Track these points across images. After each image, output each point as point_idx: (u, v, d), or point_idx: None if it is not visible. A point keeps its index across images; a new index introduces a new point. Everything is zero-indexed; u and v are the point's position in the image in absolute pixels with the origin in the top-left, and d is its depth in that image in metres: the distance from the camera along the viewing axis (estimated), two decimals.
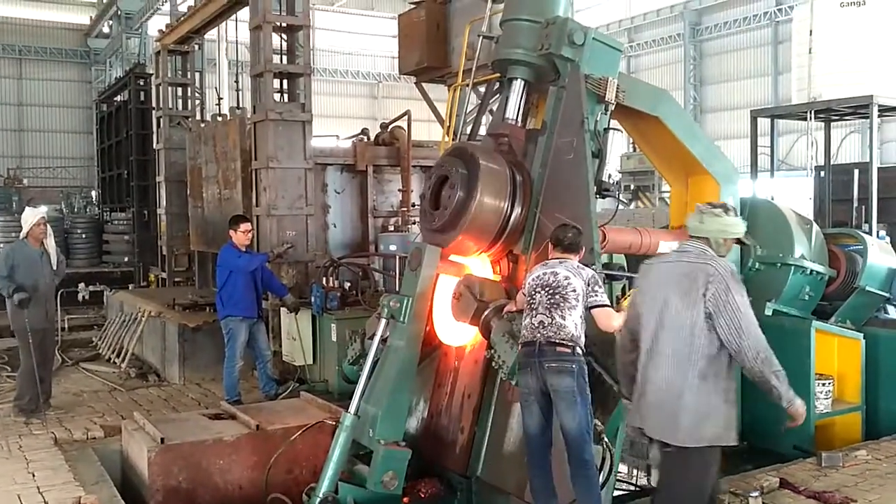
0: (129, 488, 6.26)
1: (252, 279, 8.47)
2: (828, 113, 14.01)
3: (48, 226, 8.34)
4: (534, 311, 4.89)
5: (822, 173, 14.34)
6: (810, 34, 13.71)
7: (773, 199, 9.14)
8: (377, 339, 5.72)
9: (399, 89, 36.52)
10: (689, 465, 4.12)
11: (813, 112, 13.69)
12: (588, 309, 4.85)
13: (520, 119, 6.22)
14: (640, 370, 4.32)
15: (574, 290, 4.83)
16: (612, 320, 4.84)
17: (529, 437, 4.89)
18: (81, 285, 16.97)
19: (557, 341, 4.75)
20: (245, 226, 8.56)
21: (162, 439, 6.06)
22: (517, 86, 6.20)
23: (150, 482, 5.94)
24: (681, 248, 4.42)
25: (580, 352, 4.78)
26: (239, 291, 8.38)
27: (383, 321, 5.73)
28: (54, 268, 8.33)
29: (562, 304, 4.81)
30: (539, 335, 4.80)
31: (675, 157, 7.08)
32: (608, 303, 4.92)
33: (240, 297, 8.39)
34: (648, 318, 4.27)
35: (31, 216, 8.27)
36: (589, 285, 4.87)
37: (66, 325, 13.37)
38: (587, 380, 4.77)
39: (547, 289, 4.88)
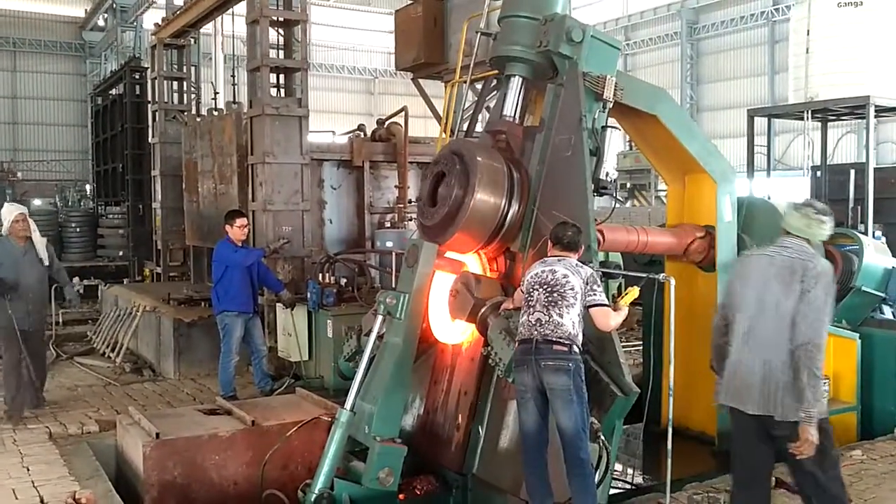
0: (124, 483, 6.24)
1: (248, 274, 8.45)
2: (824, 113, 14.04)
3: (30, 221, 7.98)
4: (531, 309, 4.89)
5: (819, 173, 14.38)
6: (807, 34, 13.70)
7: (769, 198, 9.15)
8: (373, 335, 5.71)
9: (396, 85, 36.51)
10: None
11: (810, 112, 13.71)
12: (586, 307, 4.85)
13: (518, 116, 6.21)
14: (735, 352, 4.48)
15: (572, 289, 4.83)
16: (609, 319, 4.85)
17: (526, 434, 4.89)
18: (76, 280, 16.93)
19: (554, 339, 4.74)
20: (241, 221, 8.54)
21: (157, 434, 6.04)
22: (515, 83, 6.19)
23: (145, 477, 5.92)
24: (781, 244, 4.56)
25: (577, 350, 4.78)
26: (235, 287, 8.36)
27: (380, 318, 5.72)
28: (45, 263, 7.98)
29: (560, 303, 4.81)
30: (536, 333, 4.79)
31: (673, 156, 7.08)
32: (606, 302, 4.92)
33: (236, 293, 8.37)
34: (747, 305, 4.46)
35: (8, 213, 7.91)
36: (587, 284, 4.87)
37: (61, 320, 13.35)
38: (584, 378, 4.77)
39: (545, 286, 4.88)
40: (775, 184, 14.68)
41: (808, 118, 13.75)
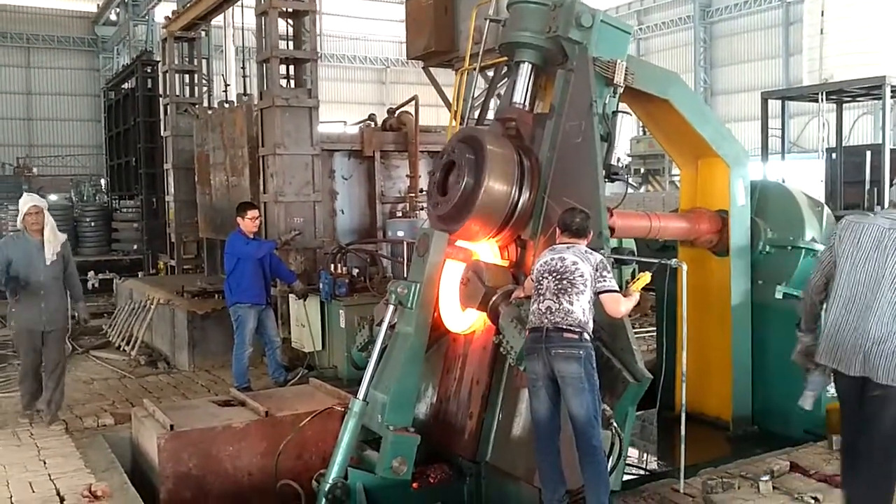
0: (139, 475, 6.28)
1: (260, 266, 8.46)
2: (840, 94, 13.89)
3: (47, 215, 7.39)
4: (541, 297, 4.86)
5: (834, 155, 14.23)
6: (822, 15, 13.56)
7: (783, 181, 9.06)
8: (385, 325, 5.71)
9: (407, 74, 36.43)
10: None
11: (825, 93, 13.58)
12: (596, 294, 4.81)
13: (528, 103, 6.17)
14: (836, 315, 4.38)
15: (582, 276, 4.79)
16: (619, 306, 4.81)
17: (538, 422, 4.87)
18: (91, 273, 17.04)
19: (565, 327, 4.72)
20: (252, 213, 8.54)
21: (171, 426, 6.07)
22: (525, 69, 6.14)
23: (161, 469, 5.95)
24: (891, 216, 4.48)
25: (588, 337, 4.75)
26: (247, 278, 8.38)
27: (391, 307, 5.71)
28: (47, 262, 7.27)
29: (569, 290, 4.78)
30: (546, 321, 4.77)
31: (685, 140, 7.03)
32: (616, 288, 4.88)
33: (248, 284, 8.38)
34: (857, 271, 4.36)
35: (23, 204, 7.39)
36: (597, 270, 4.83)
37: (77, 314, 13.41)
38: (595, 365, 4.74)
39: (554, 274, 4.85)
40: (790, 167, 14.53)
41: (822, 100, 13.60)
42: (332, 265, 9.22)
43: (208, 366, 9.74)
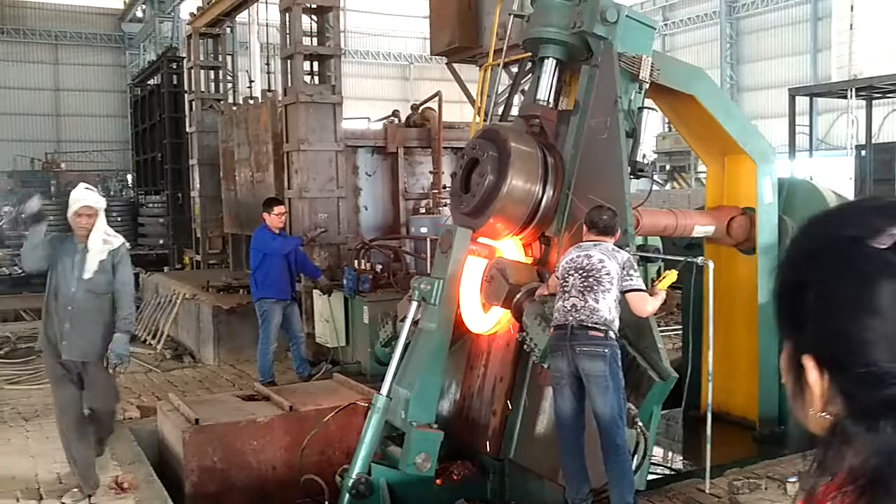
0: (165, 468, 6.34)
1: (286, 262, 8.50)
2: (869, 90, 13.71)
3: (99, 217, 5.68)
4: (566, 295, 4.83)
5: (863, 152, 14.05)
6: (851, 10, 13.37)
7: (811, 179, 8.96)
8: (408, 321, 5.71)
9: (430, 70, 36.38)
10: None
11: (854, 90, 13.41)
12: (622, 293, 4.78)
13: (552, 99, 6.14)
14: None
15: (608, 274, 4.76)
16: (646, 305, 4.78)
17: (561, 420, 4.85)
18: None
19: (590, 325, 4.69)
20: (279, 208, 8.58)
21: (196, 420, 6.12)
22: (549, 65, 6.12)
23: (186, 462, 6.01)
24: None
25: (613, 335, 4.71)
26: (273, 274, 8.41)
27: (414, 304, 5.71)
28: (84, 275, 5.50)
29: (595, 288, 4.74)
30: (571, 318, 4.74)
31: (711, 137, 6.96)
32: (643, 287, 4.84)
33: (274, 280, 8.42)
34: None
35: (74, 199, 5.64)
36: (624, 268, 4.79)
37: None
38: (620, 364, 4.71)
39: (580, 272, 4.81)
40: (817, 164, 14.36)
41: (852, 96, 13.43)
42: (356, 261, 9.24)
43: (233, 360, 9.80)
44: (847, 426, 0.91)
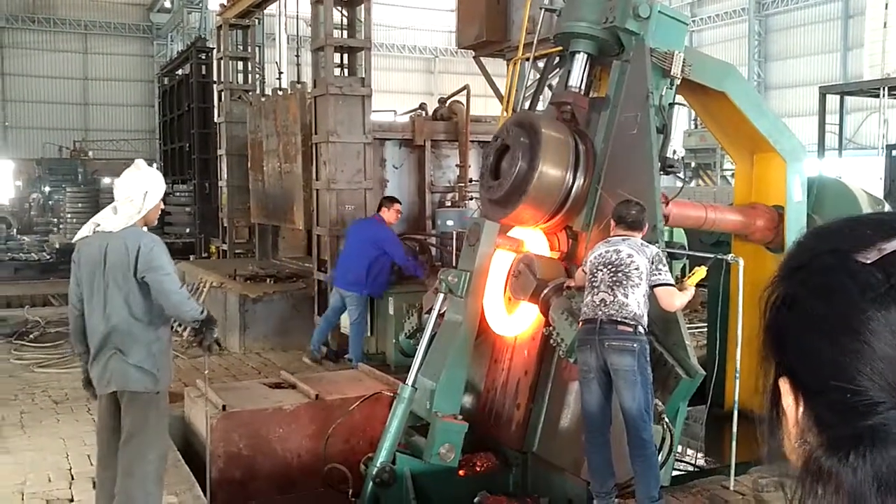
0: (191, 453, 6.42)
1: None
2: None
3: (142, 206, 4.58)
4: (595, 290, 4.83)
5: (895, 152, 13.88)
6: (886, 8, 13.21)
7: (840, 178, 8.88)
8: (434, 313, 5.75)
9: (456, 64, 36.35)
10: None
11: (886, 88, 13.25)
12: (651, 287, 4.78)
13: (583, 89, 6.13)
14: None
15: (637, 269, 4.76)
16: (674, 299, 4.78)
17: (588, 415, 4.86)
18: None
19: (619, 320, 4.69)
20: (397, 206, 8.87)
21: (223, 406, 6.20)
22: (580, 59, 6.10)
23: (212, 448, 6.08)
24: None
25: (642, 331, 4.71)
26: (384, 273, 8.64)
27: (441, 296, 5.75)
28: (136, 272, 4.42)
29: (624, 282, 4.74)
30: (600, 313, 4.74)
31: (741, 134, 6.92)
32: (672, 282, 4.84)
33: (384, 280, 8.67)
34: None
35: (161, 185, 4.69)
36: (653, 263, 4.79)
37: None
38: (648, 359, 4.71)
39: (609, 267, 4.81)
40: (847, 164, 14.22)
41: (884, 95, 13.28)
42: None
43: (259, 348, 9.89)
44: (821, 459, 0.81)
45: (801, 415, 0.85)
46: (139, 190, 4.54)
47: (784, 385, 0.87)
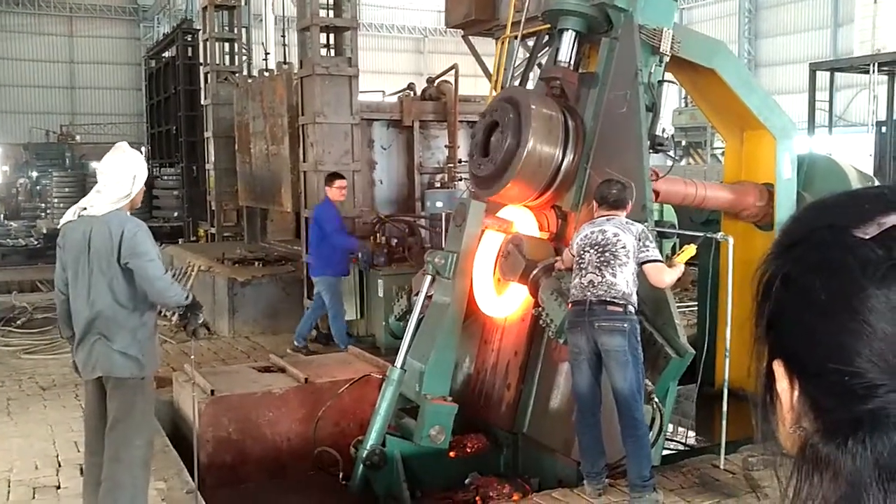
0: (180, 438, 6.38)
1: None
2: (892, 65, 13.51)
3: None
4: (583, 271, 4.79)
5: (884, 129, 13.86)
6: None
7: (830, 155, 8.86)
8: (422, 295, 5.71)
9: (445, 44, 36.12)
10: None
11: (876, 65, 13.21)
12: (639, 264, 4.74)
13: (572, 67, 6.06)
14: None
15: (624, 247, 4.72)
16: (663, 275, 4.74)
17: (579, 395, 4.84)
18: None
19: (608, 300, 4.66)
20: (340, 182, 8.66)
21: (212, 391, 6.16)
22: (568, 37, 6.03)
23: (201, 432, 6.04)
24: None
25: (632, 310, 4.68)
26: (338, 250, 8.53)
27: (428, 277, 5.70)
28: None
29: (612, 262, 4.70)
30: (589, 294, 4.71)
31: (731, 111, 6.88)
32: (660, 257, 4.80)
33: (341, 257, 8.54)
34: None
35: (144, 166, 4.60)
36: (640, 240, 4.74)
37: None
38: (639, 339, 4.68)
39: (596, 247, 4.77)
40: (837, 141, 14.20)
41: (874, 71, 13.24)
42: (371, 235, 9.23)
43: (248, 332, 9.84)
44: (818, 445, 0.78)
45: (797, 399, 0.81)
46: (127, 174, 4.45)
47: (778, 368, 0.83)
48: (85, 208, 4.44)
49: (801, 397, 0.80)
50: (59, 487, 5.19)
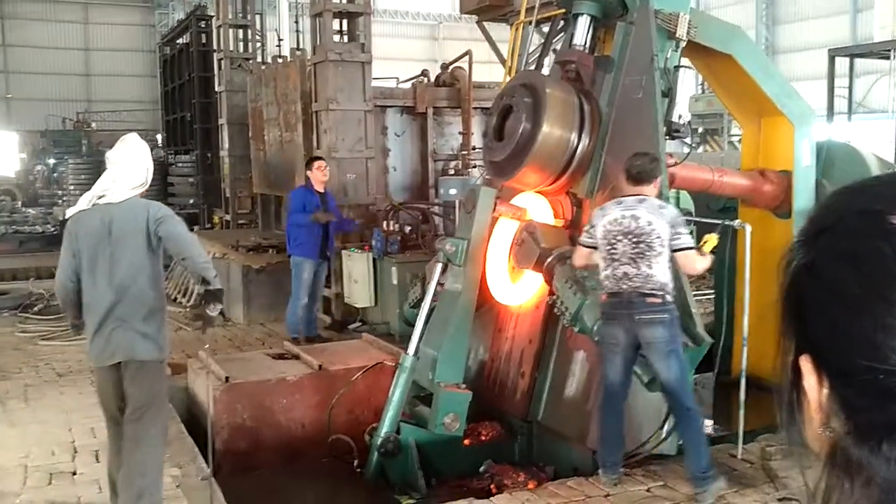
0: (195, 425, 6.40)
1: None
2: None
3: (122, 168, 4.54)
4: (615, 262, 4.62)
5: None
6: None
7: (850, 142, 8.75)
8: (433, 282, 5.69)
9: (460, 30, 35.90)
10: None
11: None
12: (672, 251, 4.59)
13: (587, 51, 6.00)
14: None
15: (659, 237, 4.55)
16: (696, 263, 4.65)
17: (609, 387, 4.73)
18: None
19: (647, 292, 4.53)
20: (318, 163, 8.60)
21: (226, 378, 6.17)
22: (583, 22, 5.96)
23: (216, 419, 6.05)
24: None
25: (670, 299, 4.58)
26: (304, 232, 8.44)
27: (439, 265, 5.68)
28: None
29: (647, 253, 4.55)
30: (625, 287, 4.57)
31: (748, 97, 6.79)
32: (692, 244, 4.67)
33: (305, 238, 8.44)
34: None
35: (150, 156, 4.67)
36: (673, 227, 4.58)
37: None
38: (679, 327, 4.61)
39: (629, 237, 4.59)
40: (857, 128, 14.03)
41: (895, 57, 13.05)
42: (385, 222, 9.21)
43: (262, 319, 9.86)
44: (849, 448, 0.72)
45: (826, 398, 0.75)
46: (141, 163, 4.53)
47: (806, 364, 0.77)
48: (102, 196, 4.45)
49: (831, 396, 0.75)
50: (74, 473, 5.22)
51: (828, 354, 0.75)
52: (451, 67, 11.41)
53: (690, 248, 4.63)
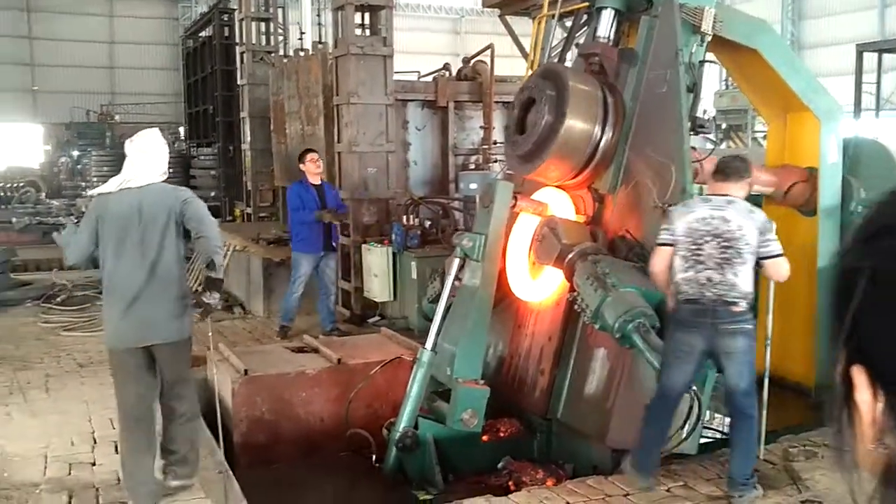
0: (213, 418, 6.41)
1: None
2: None
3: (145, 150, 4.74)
4: (700, 265, 4.47)
5: None
6: None
7: (877, 139, 8.61)
8: (450, 277, 5.67)
9: (481, 24, 35.82)
10: None
11: None
12: (760, 259, 4.45)
13: (612, 40, 5.93)
14: None
15: (748, 244, 4.42)
16: (785, 271, 4.54)
17: (667, 391, 4.59)
18: None
19: (731, 300, 4.41)
20: (309, 155, 8.63)
21: (246, 371, 6.18)
22: (607, 15, 5.90)
23: (235, 412, 6.08)
24: None
25: (750, 307, 4.49)
26: (304, 227, 8.49)
27: (457, 260, 5.65)
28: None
29: (734, 260, 4.42)
30: (708, 294, 4.43)
31: (774, 92, 6.70)
32: (781, 251, 4.51)
33: (305, 234, 8.49)
34: None
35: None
36: (763, 233, 4.44)
37: None
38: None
39: (719, 240, 4.45)
40: (884, 124, 13.83)
41: None
42: (405, 217, 9.19)
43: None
44: None
45: (881, 412, 0.71)
46: (162, 153, 4.76)
47: (859, 375, 0.72)
48: (129, 180, 4.57)
49: (887, 411, 0.70)
50: (94, 464, 5.25)
51: (885, 366, 0.70)
52: (472, 61, 11.36)
53: (780, 256, 4.48)
